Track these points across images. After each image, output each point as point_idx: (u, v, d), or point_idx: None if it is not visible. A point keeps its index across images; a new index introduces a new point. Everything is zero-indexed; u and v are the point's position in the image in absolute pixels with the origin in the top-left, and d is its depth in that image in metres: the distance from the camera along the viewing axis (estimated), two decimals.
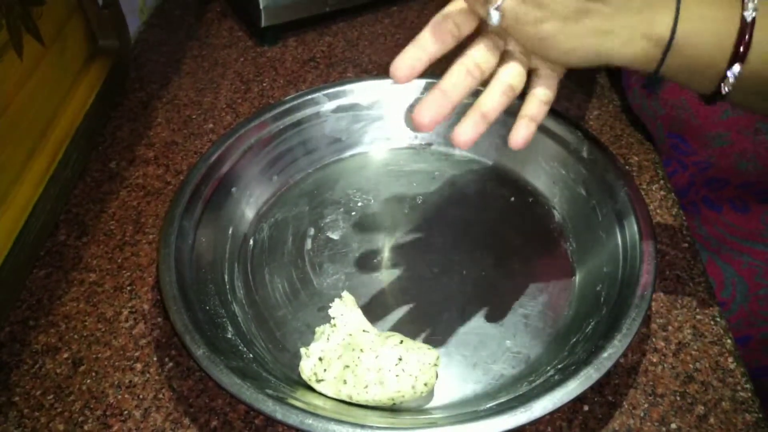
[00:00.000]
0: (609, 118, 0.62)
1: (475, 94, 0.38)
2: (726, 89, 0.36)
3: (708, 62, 0.36)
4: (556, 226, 0.51)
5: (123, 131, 0.62)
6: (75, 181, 0.56)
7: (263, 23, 0.70)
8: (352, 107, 0.56)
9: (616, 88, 0.65)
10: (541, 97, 0.40)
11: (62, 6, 0.56)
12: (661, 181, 0.55)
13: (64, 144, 0.54)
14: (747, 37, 0.34)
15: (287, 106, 0.55)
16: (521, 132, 0.39)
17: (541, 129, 0.53)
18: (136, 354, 0.44)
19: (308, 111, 0.55)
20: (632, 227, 0.45)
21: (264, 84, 0.67)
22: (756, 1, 0.35)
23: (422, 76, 0.36)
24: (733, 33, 0.35)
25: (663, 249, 0.50)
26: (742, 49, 0.35)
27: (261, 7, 0.68)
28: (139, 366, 0.43)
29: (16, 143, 0.49)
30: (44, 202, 0.50)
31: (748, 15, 0.34)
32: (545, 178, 0.54)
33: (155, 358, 0.44)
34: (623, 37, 0.36)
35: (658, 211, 0.53)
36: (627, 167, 0.54)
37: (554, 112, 0.53)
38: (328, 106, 0.56)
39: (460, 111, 0.37)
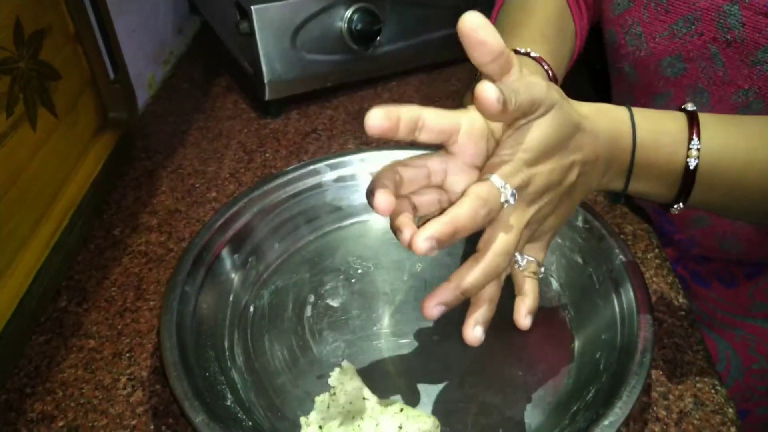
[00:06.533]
0: None
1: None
2: (693, 162, 0.39)
3: (669, 156, 0.40)
4: (554, 294, 0.52)
5: (127, 199, 0.63)
6: (78, 248, 0.57)
7: (267, 97, 0.72)
8: (352, 177, 0.58)
9: None
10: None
11: (77, 80, 0.59)
12: (656, 250, 0.56)
13: (69, 212, 0.55)
14: (696, 124, 0.39)
15: (290, 176, 0.56)
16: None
17: None
18: (133, 422, 0.43)
19: (310, 181, 0.57)
20: (629, 295, 0.46)
21: (267, 155, 0.69)
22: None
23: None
24: (684, 125, 0.40)
25: (660, 317, 0.50)
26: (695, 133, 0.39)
27: (265, 81, 0.71)
28: None
29: (24, 211, 0.50)
30: (47, 268, 0.51)
31: (690, 107, 0.41)
32: None
33: (152, 427, 0.43)
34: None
35: (654, 279, 0.54)
36: (622, 236, 0.55)
37: None
38: (330, 175, 0.57)
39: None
